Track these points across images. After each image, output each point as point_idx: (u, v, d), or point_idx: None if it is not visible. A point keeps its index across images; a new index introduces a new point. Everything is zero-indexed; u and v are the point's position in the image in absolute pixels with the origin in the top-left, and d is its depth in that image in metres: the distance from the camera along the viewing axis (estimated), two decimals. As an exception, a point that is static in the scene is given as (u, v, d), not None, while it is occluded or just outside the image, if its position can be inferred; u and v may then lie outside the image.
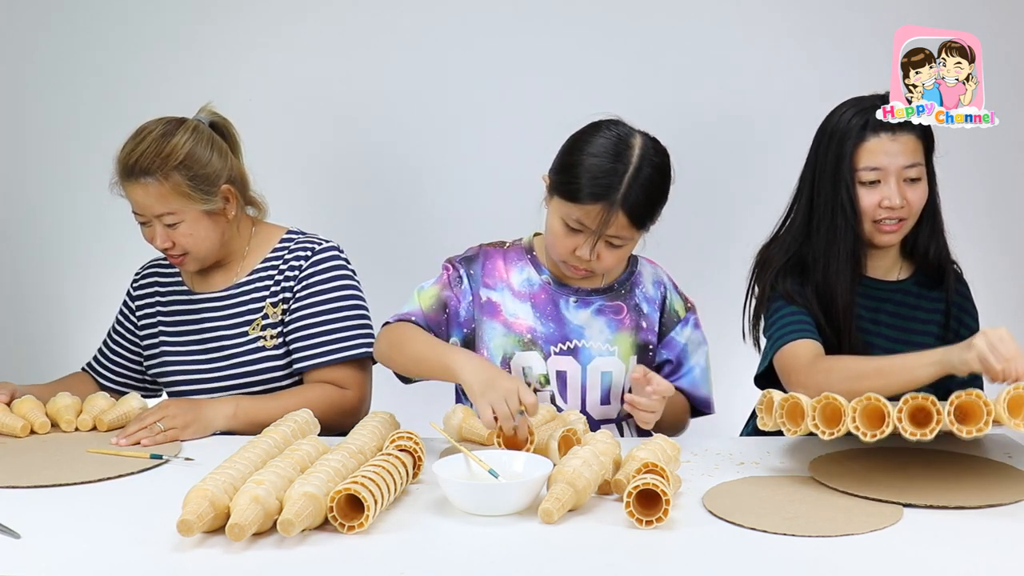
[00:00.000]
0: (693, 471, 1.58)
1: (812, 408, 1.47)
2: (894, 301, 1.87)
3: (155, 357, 2.07)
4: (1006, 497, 1.41)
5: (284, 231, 2.07)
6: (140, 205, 1.91)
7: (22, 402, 1.87)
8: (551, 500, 1.36)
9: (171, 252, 1.95)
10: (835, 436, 1.44)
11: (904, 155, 1.75)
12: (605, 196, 1.69)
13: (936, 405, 1.38)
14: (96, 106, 2.76)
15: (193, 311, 2.04)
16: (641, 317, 1.87)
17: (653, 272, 1.92)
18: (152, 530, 1.34)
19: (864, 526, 1.32)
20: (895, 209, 1.76)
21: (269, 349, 1.98)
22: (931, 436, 1.38)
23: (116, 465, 1.63)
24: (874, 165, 1.76)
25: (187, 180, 1.89)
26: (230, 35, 2.76)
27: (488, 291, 1.86)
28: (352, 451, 1.49)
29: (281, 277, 2.00)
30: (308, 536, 1.33)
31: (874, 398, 1.41)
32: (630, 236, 1.75)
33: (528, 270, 1.88)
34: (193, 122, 1.95)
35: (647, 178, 1.71)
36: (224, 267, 2.04)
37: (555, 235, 1.77)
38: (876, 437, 1.41)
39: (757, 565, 1.23)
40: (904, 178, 1.77)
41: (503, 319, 1.84)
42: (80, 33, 2.78)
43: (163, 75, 2.73)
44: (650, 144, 1.75)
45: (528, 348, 1.83)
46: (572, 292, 1.86)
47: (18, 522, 1.37)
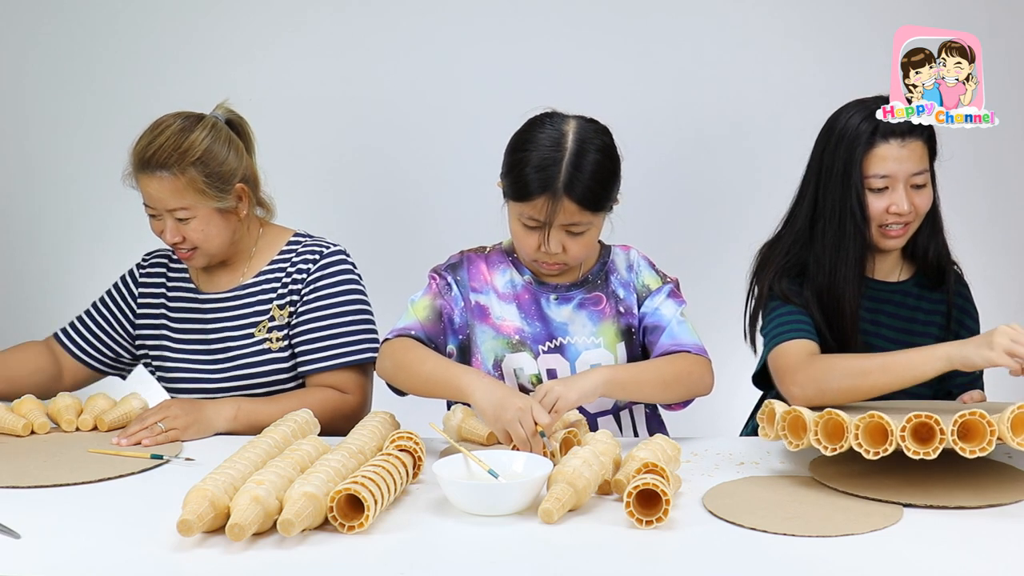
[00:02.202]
0: (693, 471, 1.58)
1: (815, 423, 1.47)
2: (894, 302, 1.87)
3: (156, 350, 2.06)
4: (1006, 497, 1.41)
5: (291, 233, 2.07)
6: (153, 198, 1.91)
7: (22, 402, 1.87)
8: (551, 500, 1.36)
9: (180, 247, 1.95)
10: (837, 452, 1.44)
11: (912, 161, 1.76)
12: (548, 187, 1.70)
13: (940, 424, 1.38)
14: (98, 107, 2.77)
15: (199, 310, 2.03)
16: (619, 303, 1.87)
17: (626, 257, 1.92)
18: (152, 530, 1.34)
19: (864, 526, 1.32)
20: (902, 215, 1.77)
21: (275, 351, 1.98)
22: (934, 455, 1.38)
23: (116, 465, 1.63)
24: (884, 172, 1.76)
25: (203, 177, 1.89)
26: (233, 36, 2.77)
27: (476, 295, 1.86)
28: (352, 451, 1.49)
29: (288, 280, 1.99)
30: (308, 536, 1.33)
31: (877, 415, 1.41)
32: (587, 220, 1.74)
33: (510, 272, 1.88)
34: (211, 119, 1.95)
35: (589, 161, 1.72)
36: (230, 267, 2.04)
37: (517, 237, 1.79)
38: (879, 455, 1.41)
39: (757, 565, 1.23)
40: (912, 184, 1.77)
41: (492, 322, 1.85)
42: (82, 33, 2.79)
43: (166, 75, 2.73)
44: (586, 127, 1.75)
45: (517, 349, 1.84)
46: (552, 290, 1.86)
47: (18, 522, 1.37)
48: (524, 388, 1.83)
